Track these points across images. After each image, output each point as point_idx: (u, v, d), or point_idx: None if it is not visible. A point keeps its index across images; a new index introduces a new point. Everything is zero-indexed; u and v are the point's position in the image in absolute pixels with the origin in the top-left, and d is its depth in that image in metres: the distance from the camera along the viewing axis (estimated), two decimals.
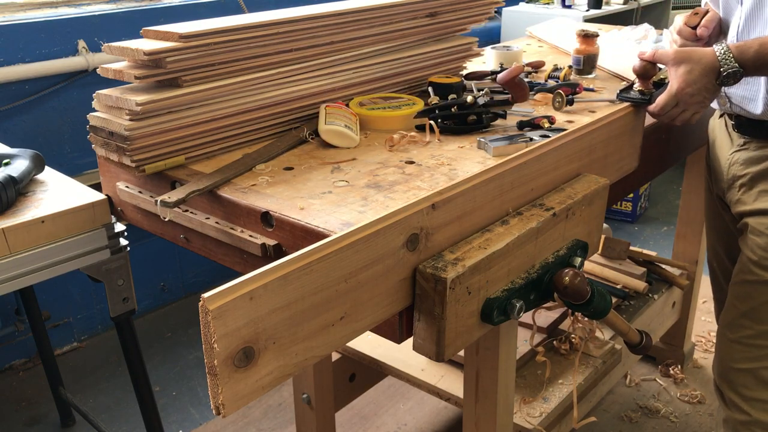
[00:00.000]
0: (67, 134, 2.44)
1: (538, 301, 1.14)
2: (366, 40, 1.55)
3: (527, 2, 3.94)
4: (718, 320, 1.84)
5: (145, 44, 1.24)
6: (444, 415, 2.28)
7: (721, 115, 1.57)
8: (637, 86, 1.46)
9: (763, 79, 1.35)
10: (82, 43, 2.40)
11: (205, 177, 1.23)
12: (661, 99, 1.35)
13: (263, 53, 1.37)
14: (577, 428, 1.61)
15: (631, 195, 3.50)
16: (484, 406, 1.33)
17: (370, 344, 1.82)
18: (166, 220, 1.22)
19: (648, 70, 1.43)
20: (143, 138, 1.23)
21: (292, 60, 1.42)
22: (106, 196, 1.42)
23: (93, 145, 1.32)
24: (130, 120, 1.21)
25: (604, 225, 2.11)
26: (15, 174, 1.38)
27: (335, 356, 1.87)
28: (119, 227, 1.46)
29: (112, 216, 1.44)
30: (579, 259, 1.20)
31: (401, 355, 1.78)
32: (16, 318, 2.48)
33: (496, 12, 1.77)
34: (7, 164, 1.44)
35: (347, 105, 1.46)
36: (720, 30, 1.48)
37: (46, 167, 1.51)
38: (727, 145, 1.52)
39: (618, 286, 2.14)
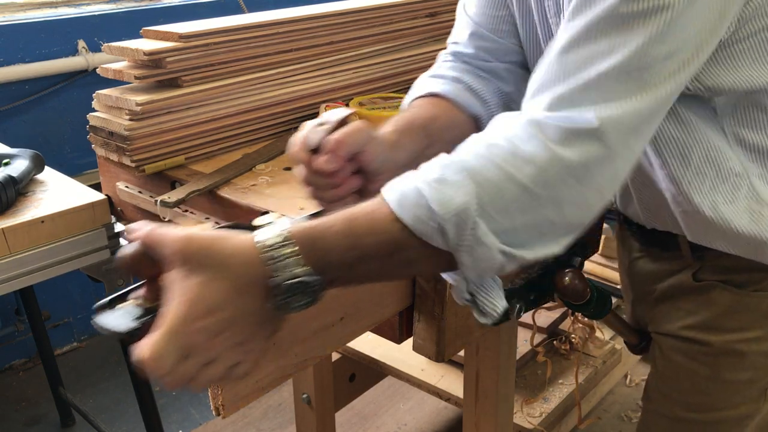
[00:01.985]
0: (67, 134, 2.44)
1: (538, 301, 1.14)
2: (366, 40, 1.55)
3: None
4: None
5: (145, 44, 1.24)
6: (444, 415, 2.28)
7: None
8: (132, 297, 0.72)
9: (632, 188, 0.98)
10: (82, 43, 2.40)
11: (205, 177, 1.23)
12: (151, 343, 0.63)
13: (263, 53, 1.37)
14: (580, 428, 1.60)
15: None
16: (484, 407, 1.33)
17: (370, 344, 1.82)
18: (166, 220, 1.22)
19: (145, 263, 0.67)
20: (143, 138, 1.23)
21: (292, 60, 1.42)
22: (106, 196, 1.41)
23: (93, 145, 1.32)
24: (130, 120, 1.21)
25: (605, 225, 2.11)
26: (15, 174, 1.37)
27: (335, 356, 1.87)
28: (119, 227, 1.46)
29: (112, 216, 1.44)
30: (579, 259, 1.19)
31: (401, 355, 1.78)
32: (16, 318, 2.47)
33: None
34: (6, 164, 1.43)
35: (347, 105, 1.46)
36: (420, 147, 0.92)
37: (46, 167, 1.51)
38: (626, 248, 1.17)
39: (618, 286, 2.14)
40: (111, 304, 0.72)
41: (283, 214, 1.09)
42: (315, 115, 1.43)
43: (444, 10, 1.68)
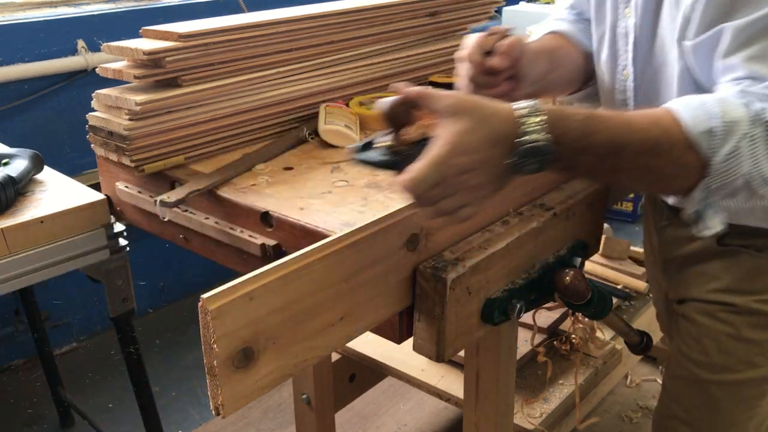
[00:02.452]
0: (66, 134, 2.44)
1: (538, 301, 1.14)
2: (366, 40, 1.55)
3: (528, 1, 3.94)
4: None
5: (144, 44, 1.23)
6: (444, 416, 2.28)
7: None
8: (383, 139, 0.89)
9: None
10: (81, 43, 2.40)
11: (204, 177, 1.22)
12: (416, 170, 0.77)
13: (263, 53, 1.36)
14: (580, 429, 1.60)
15: (632, 195, 3.50)
16: (484, 407, 1.33)
17: (370, 344, 1.82)
18: (165, 220, 1.22)
19: (400, 114, 0.86)
20: (143, 138, 1.23)
21: (292, 60, 1.42)
22: (105, 196, 1.41)
23: (92, 145, 1.32)
24: (130, 120, 1.21)
25: (605, 225, 2.11)
26: (14, 174, 1.37)
27: (335, 356, 1.87)
28: (119, 227, 1.46)
29: (112, 216, 1.44)
30: (579, 259, 1.19)
31: (401, 355, 1.78)
32: (15, 318, 2.47)
33: (496, 12, 1.77)
34: (6, 164, 1.43)
35: (347, 105, 1.46)
36: (545, 70, 1.11)
37: (46, 167, 1.51)
38: (655, 216, 1.26)
39: (618, 286, 2.14)
40: (365, 147, 0.90)
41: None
42: (315, 115, 1.43)
43: (444, 10, 1.68)
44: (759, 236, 1.05)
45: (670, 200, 1.13)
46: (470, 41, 1.06)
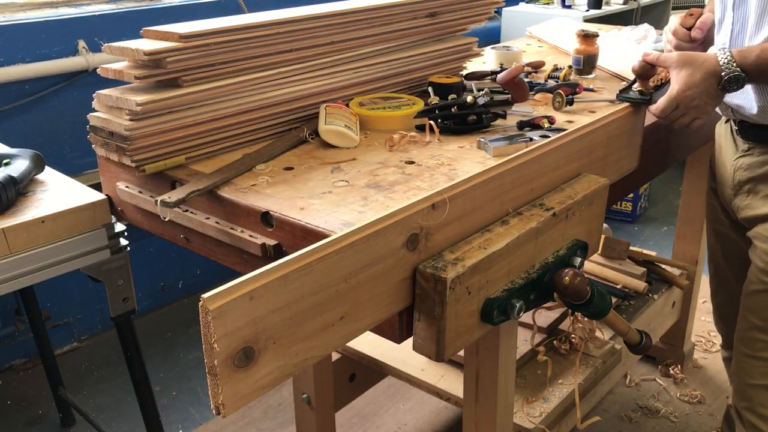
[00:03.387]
0: (67, 134, 2.45)
1: (538, 301, 1.14)
2: (366, 40, 1.55)
3: (527, 2, 3.94)
4: (715, 323, 1.83)
5: (145, 44, 1.24)
6: (444, 415, 2.28)
7: (726, 121, 1.55)
8: (636, 86, 1.46)
9: (751, 87, 1.34)
10: (82, 43, 2.40)
11: (205, 177, 1.23)
12: (661, 101, 1.33)
13: (263, 53, 1.37)
14: (581, 429, 1.61)
15: (631, 195, 3.50)
16: (484, 406, 1.33)
17: (370, 344, 1.82)
18: (166, 220, 1.22)
19: (647, 70, 1.44)
20: (143, 138, 1.23)
21: (292, 60, 1.42)
22: (106, 196, 1.42)
23: (93, 145, 1.32)
24: (130, 120, 1.21)
25: (604, 225, 2.11)
26: (15, 174, 1.38)
27: (335, 356, 1.87)
28: (119, 227, 1.46)
29: (112, 216, 1.44)
30: (579, 259, 1.20)
31: (401, 355, 1.78)
32: (16, 318, 2.48)
33: (496, 12, 1.77)
34: (7, 164, 1.44)
35: (347, 105, 1.46)
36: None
37: (46, 167, 1.51)
38: (731, 151, 1.50)
39: (618, 286, 2.14)
40: (623, 92, 1.47)
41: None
42: (315, 115, 1.43)
43: (444, 10, 1.68)
44: None
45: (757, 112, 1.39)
46: (675, 21, 1.52)
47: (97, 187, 1.45)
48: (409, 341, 1.04)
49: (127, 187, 1.35)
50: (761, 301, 1.40)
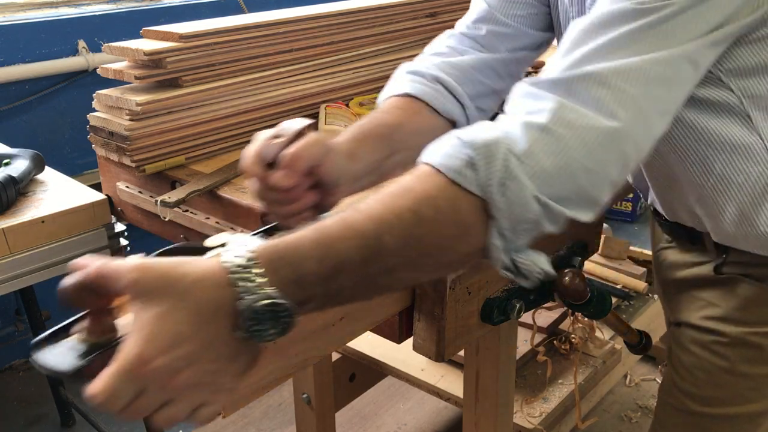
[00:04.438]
0: (67, 134, 2.44)
1: (537, 301, 1.14)
2: (366, 40, 1.55)
3: None
4: None
5: (145, 44, 1.24)
6: (444, 415, 2.28)
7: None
8: (77, 329, 0.65)
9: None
10: (82, 43, 2.40)
11: (205, 177, 1.23)
12: (104, 379, 0.56)
13: (263, 53, 1.37)
14: (581, 428, 1.60)
15: (631, 195, 3.50)
16: (484, 406, 1.33)
17: (370, 344, 1.82)
18: (166, 220, 1.22)
19: (89, 300, 0.63)
20: (143, 138, 1.23)
21: (292, 60, 1.42)
22: (106, 196, 1.42)
23: (93, 145, 1.32)
24: (130, 120, 1.21)
25: (604, 225, 2.11)
26: (15, 174, 1.38)
27: (335, 356, 1.87)
28: (119, 227, 1.46)
29: (112, 216, 1.44)
30: (579, 259, 1.20)
31: (401, 355, 1.78)
32: (16, 318, 2.47)
33: None
34: (7, 164, 1.44)
35: (347, 105, 1.46)
36: (381, 157, 0.90)
37: (46, 167, 1.51)
38: (657, 235, 1.20)
39: (618, 286, 2.14)
40: (51, 339, 0.63)
41: (236, 230, 1.09)
42: (315, 115, 1.43)
43: (444, 10, 1.68)
44: (759, 266, 0.97)
45: (668, 219, 1.07)
46: (249, 150, 0.84)
47: (97, 187, 1.45)
48: (409, 341, 1.04)
49: (127, 187, 1.35)
50: (676, 420, 1.14)
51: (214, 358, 0.58)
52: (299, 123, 0.83)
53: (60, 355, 0.61)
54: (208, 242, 0.74)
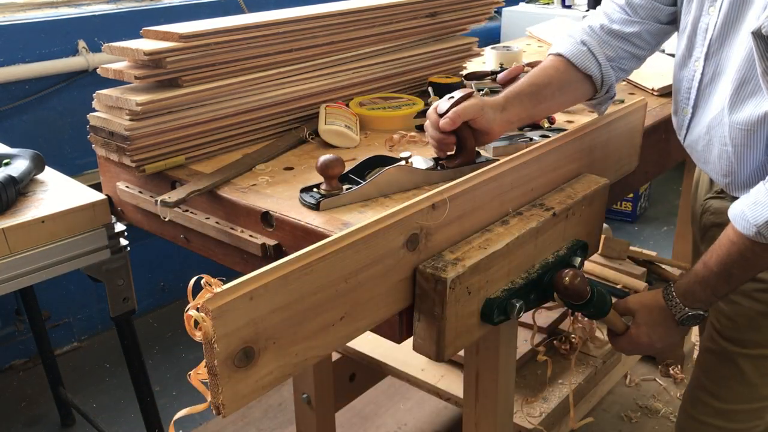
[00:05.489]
0: (67, 134, 2.45)
1: (538, 301, 1.14)
2: (366, 40, 1.55)
3: (527, 2, 3.95)
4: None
5: (145, 44, 1.24)
6: (444, 415, 2.28)
7: None
8: (323, 186, 1.13)
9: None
10: (82, 43, 2.40)
11: (205, 177, 1.23)
12: (624, 344, 1.24)
13: (263, 53, 1.37)
14: (575, 429, 1.61)
15: (631, 195, 3.50)
16: (484, 406, 1.33)
17: (370, 344, 1.82)
18: (166, 220, 1.22)
19: (334, 165, 1.11)
20: (143, 138, 1.23)
21: (292, 60, 1.42)
22: (106, 196, 1.42)
23: (93, 145, 1.32)
24: (130, 120, 1.21)
25: (604, 225, 2.11)
26: (15, 174, 1.38)
27: (335, 356, 1.87)
28: (119, 227, 1.46)
29: (113, 216, 1.44)
30: (579, 259, 1.20)
31: (401, 355, 1.78)
32: (16, 318, 2.48)
33: (496, 12, 1.77)
34: (7, 164, 1.44)
35: (347, 105, 1.46)
36: (528, 107, 1.22)
37: (46, 167, 1.51)
38: (705, 188, 1.38)
39: (618, 286, 2.14)
40: (305, 190, 1.15)
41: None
42: (315, 115, 1.44)
43: (444, 10, 1.68)
44: None
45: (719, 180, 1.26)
46: (435, 104, 1.19)
47: (97, 187, 1.45)
48: (409, 341, 1.04)
49: (127, 187, 1.35)
50: (712, 362, 1.33)
51: (670, 333, 1.19)
52: (466, 90, 1.17)
53: (309, 197, 1.12)
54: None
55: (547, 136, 1.29)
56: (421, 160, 1.22)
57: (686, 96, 1.26)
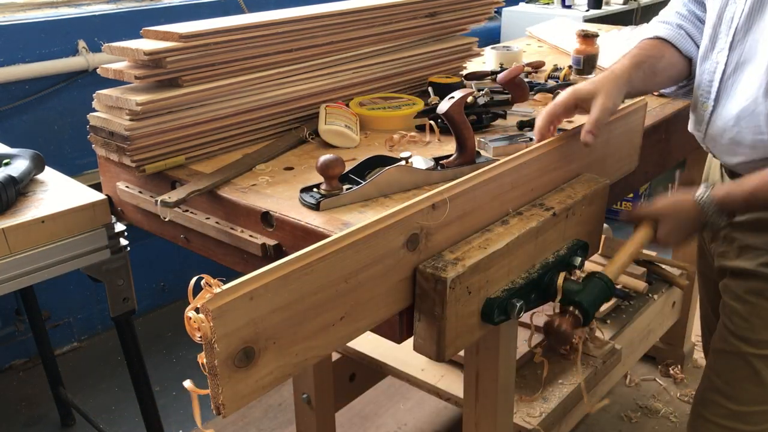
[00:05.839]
0: (67, 134, 2.45)
1: (538, 300, 1.14)
2: (366, 40, 1.55)
3: (527, 2, 3.95)
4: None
5: (145, 44, 1.24)
6: (444, 415, 2.28)
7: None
8: (323, 186, 1.14)
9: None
10: (82, 43, 2.40)
11: (205, 177, 1.23)
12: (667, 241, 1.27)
13: (263, 53, 1.37)
14: (592, 412, 1.59)
15: (631, 195, 3.50)
16: (484, 406, 1.33)
17: (370, 344, 1.82)
18: (166, 220, 1.22)
19: (334, 165, 1.11)
20: (143, 138, 1.23)
21: (292, 60, 1.42)
22: (106, 196, 1.42)
23: (93, 145, 1.32)
24: (130, 120, 1.21)
25: (605, 225, 2.11)
26: (15, 174, 1.38)
27: (335, 356, 1.87)
28: (119, 227, 1.46)
29: (112, 216, 1.44)
30: (579, 259, 1.20)
31: (401, 355, 1.78)
32: (16, 318, 2.48)
33: (496, 12, 1.77)
34: (7, 164, 1.44)
35: (347, 105, 1.46)
36: (641, 82, 1.26)
37: (46, 167, 1.51)
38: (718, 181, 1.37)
39: (618, 286, 2.14)
40: (305, 190, 1.16)
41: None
42: (315, 115, 1.43)
43: (444, 10, 1.68)
44: None
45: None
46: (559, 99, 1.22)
47: (97, 187, 1.45)
48: (409, 341, 1.04)
49: (127, 187, 1.35)
50: (726, 363, 1.31)
51: (691, 232, 1.23)
52: (466, 90, 1.25)
53: (309, 197, 1.13)
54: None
55: None
56: (421, 160, 1.22)
57: (707, 89, 1.24)
